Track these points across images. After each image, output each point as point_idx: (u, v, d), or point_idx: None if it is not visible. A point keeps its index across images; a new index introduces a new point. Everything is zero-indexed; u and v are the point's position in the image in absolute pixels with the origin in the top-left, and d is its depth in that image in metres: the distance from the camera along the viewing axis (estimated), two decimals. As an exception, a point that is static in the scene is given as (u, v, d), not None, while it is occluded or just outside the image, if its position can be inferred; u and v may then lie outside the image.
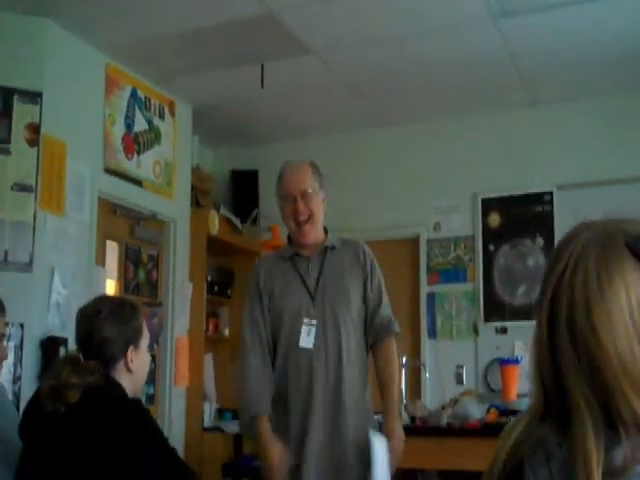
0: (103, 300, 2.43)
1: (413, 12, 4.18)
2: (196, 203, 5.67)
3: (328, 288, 2.99)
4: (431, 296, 5.72)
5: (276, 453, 2.86)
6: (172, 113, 5.42)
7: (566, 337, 1.06)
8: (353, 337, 2.97)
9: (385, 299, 3.08)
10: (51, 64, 4.32)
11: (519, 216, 5.51)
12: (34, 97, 4.14)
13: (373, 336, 3.03)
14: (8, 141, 4.06)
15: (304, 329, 2.92)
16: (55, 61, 4.35)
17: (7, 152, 4.04)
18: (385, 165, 5.96)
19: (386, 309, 3.07)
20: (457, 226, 5.74)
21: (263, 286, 3.04)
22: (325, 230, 3.13)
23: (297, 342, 2.93)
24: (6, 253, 3.94)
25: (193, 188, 5.65)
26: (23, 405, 2.39)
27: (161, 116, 5.30)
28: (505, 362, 4.54)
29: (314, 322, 2.93)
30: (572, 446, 1.01)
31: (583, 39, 4.53)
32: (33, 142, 4.12)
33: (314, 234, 3.05)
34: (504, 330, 5.40)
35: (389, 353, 3.04)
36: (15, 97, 4.09)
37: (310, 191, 3.01)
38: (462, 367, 5.42)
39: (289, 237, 3.15)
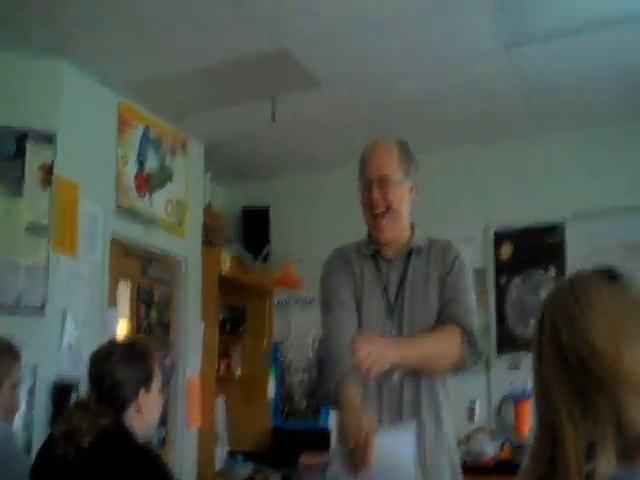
0: (115, 343, 2.46)
1: (424, 45, 4.20)
2: (207, 241, 5.67)
3: (407, 303, 2.53)
4: (443, 330, 5.66)
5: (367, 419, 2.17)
6: (184, 151, 5.43)
7: (550, 347, 1.16)
8: None
9: (474, 320, 2.60)
10: (65, 104, 4.32)
11: (531, 247, 5.46)
12: (48, 138, 4.15)
13: None
14: (21, 183, 4.06)
15: None
16: (69, 101, 4.36)
17: (20, 194, 4.05)
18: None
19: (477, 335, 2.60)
20: (469, 258, 5.65)
21: (346, 272, 2.56)
22: (412, 227, 2.66)
23: None
24: (19, 297, 3.95)
25: (204, 226, 5.65)
26: (35, 450, 2.40)
27: (173, 154, 5.31)
28: (518, 398, 4.51)
29: None
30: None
31: (595, 67, 4.54)
32: (46, 184, 4.12)
33: (393, 231, 2.56)
34: (517, 364, 5.36)
35: (450, 333, 2.50)
36: (28, 139, 4.10)
37: (391, 177, 2.52)
38: (474, 402, 5.38)
39: (368, 232, 2.65)
